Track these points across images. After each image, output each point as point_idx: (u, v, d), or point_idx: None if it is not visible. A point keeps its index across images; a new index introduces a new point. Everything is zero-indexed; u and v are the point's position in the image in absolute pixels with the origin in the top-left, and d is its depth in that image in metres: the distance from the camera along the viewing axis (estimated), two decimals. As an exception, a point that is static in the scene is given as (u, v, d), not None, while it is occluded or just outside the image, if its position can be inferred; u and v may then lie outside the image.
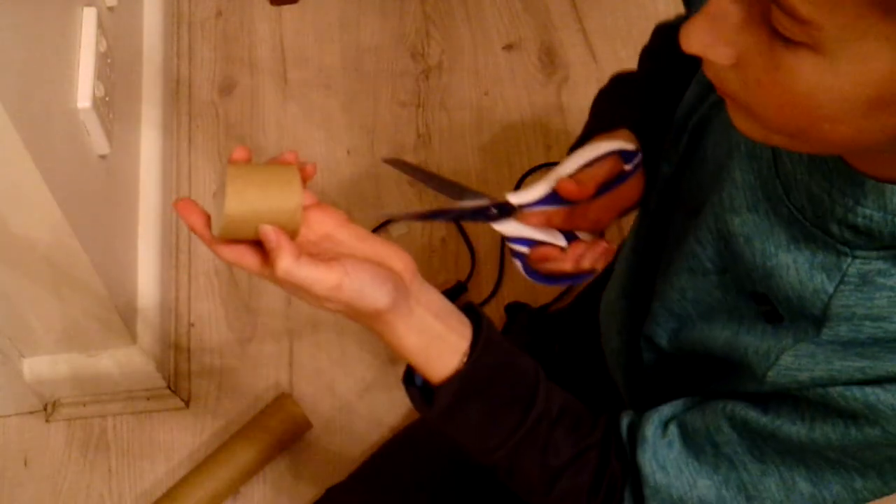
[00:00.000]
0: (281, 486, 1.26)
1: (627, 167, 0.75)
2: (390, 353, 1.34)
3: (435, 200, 1.44)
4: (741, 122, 0.52)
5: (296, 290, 0.57)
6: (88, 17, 1.09)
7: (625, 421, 0.71)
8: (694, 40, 0.48)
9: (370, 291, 0.58)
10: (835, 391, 0.58)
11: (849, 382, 0.57)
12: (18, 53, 0.87)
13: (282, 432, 1.25)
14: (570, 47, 1.64)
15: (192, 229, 0.59)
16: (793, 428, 0.61)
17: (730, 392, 0.67)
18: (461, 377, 0.64)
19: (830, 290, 0.57)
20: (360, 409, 1.31)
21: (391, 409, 1.30)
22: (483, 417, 0.67)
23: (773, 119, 0.50)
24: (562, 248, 0.75)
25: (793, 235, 0.59)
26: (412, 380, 0.68)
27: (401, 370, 0.70)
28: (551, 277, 0.76)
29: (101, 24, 1.11)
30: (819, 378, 0.58)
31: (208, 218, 0.58)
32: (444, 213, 0.67)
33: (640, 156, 0.75)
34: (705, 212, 0.67)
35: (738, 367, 0.65)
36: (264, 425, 1.25)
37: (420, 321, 0.63)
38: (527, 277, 0.76)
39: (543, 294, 1.38)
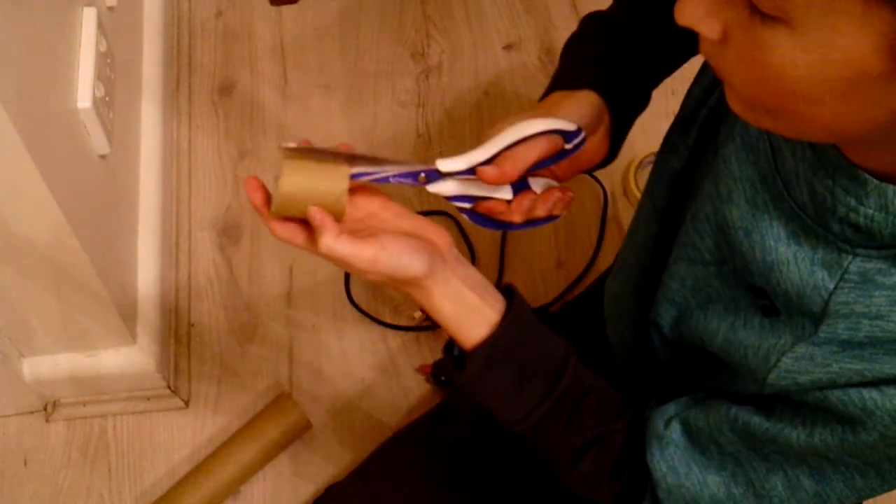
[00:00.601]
0: (281, 486, 1.26)
1: (567, 146, 0.72)
2: (390, 353, 1.34)
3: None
4: (733, 103, 0.53)
5: (340, 263, 0.63)
6: (88, 17, 1.09)
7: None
8: (686, 13, 0.49)
9: (406, 261, 0.64)
10: (833, 395, 0.58)
11: (847, 385, 0.57)
12: (18, 53, 0.87)
13: (282, 432, 1.25)
14: (570, 47, 1.64)
15: (252, 204, 0.66)
16: (793, 433, 0.61)
17: (733, 393, 0.67)
18: (489, 344, 0.68)
19: (831, 286, 0.57)
20: (360, 409, 1.31)
21: (391, 408, 1.30)
22: (510, 386, 0.70)
23: (755, 97, 0.50)
24: (507, 202, 0.74)
25: (793, 230, 0.59)
26: (451, 349, 0.72)
27: (401, 370, 0.70)
28: (503, 223, 0.75)
29: (101, 24, 1.11)
30: (819, 381, 0.58)
31: (268, 197, 0.66)
32: (372, 174, 0.68)
33: (581, 135, 0.73)
34: (702, 201, 0.67)
35: (739, 368, 0.65)
36: (264, 425, 1.25)
37: (455, 290, 0.67)
38: (477, 226, 0.76)
39: (544, 294, 1.38)
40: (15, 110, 0.83)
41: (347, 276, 1.39)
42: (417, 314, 1.36)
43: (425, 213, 1.44)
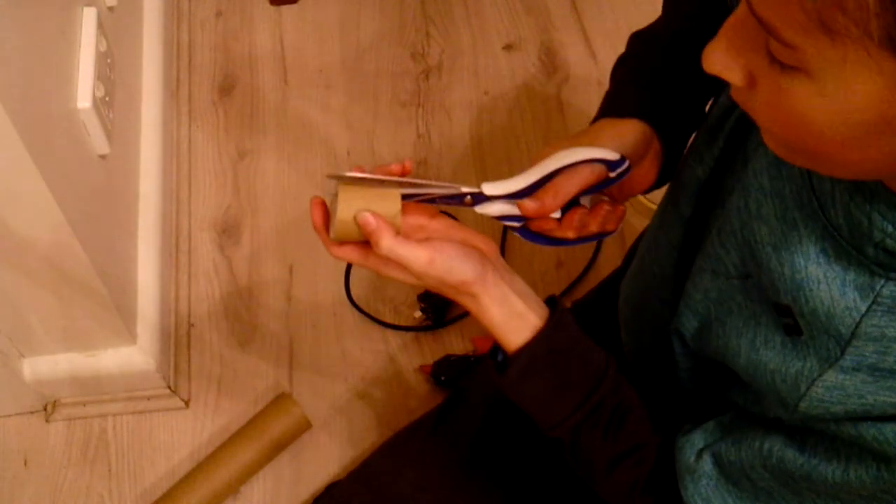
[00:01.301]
0: (281, 486, 1.26)
1: (611, 174, 0.74)
2: (390, 353, 1.34)
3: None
4: (769, 143, 0.55)
5: (396, 269, 0.68)
6: (88, 17, 1.09)
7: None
8: (712, 61, 0.51)
9: (458, 265, 0.67)
10: (868, 432, 0.57)
11: (882, 418, 0.57)
12: (18, 53, 0.87)
13: (282, 432, 1.25)
14: (570, 47, 1.64)
15: (313, 222, 0.69)
16: (828, 469, 0.61)
17: (760, 415, 0.67)
18: (532, 348, 0.71)
19: (863, 309, 0.56)
20: (360, 409, 1.31)
21: (391, 408, 1.30)
22: (549, 391, 0.73)
23: (786, 139, 0.52)
24: (557, 220, 0.75)
25: (823, 249, 0.58)
26: (496, 354, 0.75)
27: (401, 370, 0.71)
28: (557, 240, 0.78)
29: (101, 24, 1.11)
30: (853, 412, 0.58)
31: (327, 217, 0.69)
32: (417, 195, 0.71)
33: (625, 164, 0.74)
34: (729, 215, 0.66)
35: (767, 393, 0.65)
36: (264, 425, 1.25)
37: (503, 296, 0.70)
38: (534, 244, 0.78)
39: (543, 294, 1.38)
40: (15, 110, 0.83)
41: (347, 277, 1.39)
42: (417, 314, 1.36)
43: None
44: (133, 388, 1.27)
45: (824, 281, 0.58)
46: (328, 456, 1.27)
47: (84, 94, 1.04)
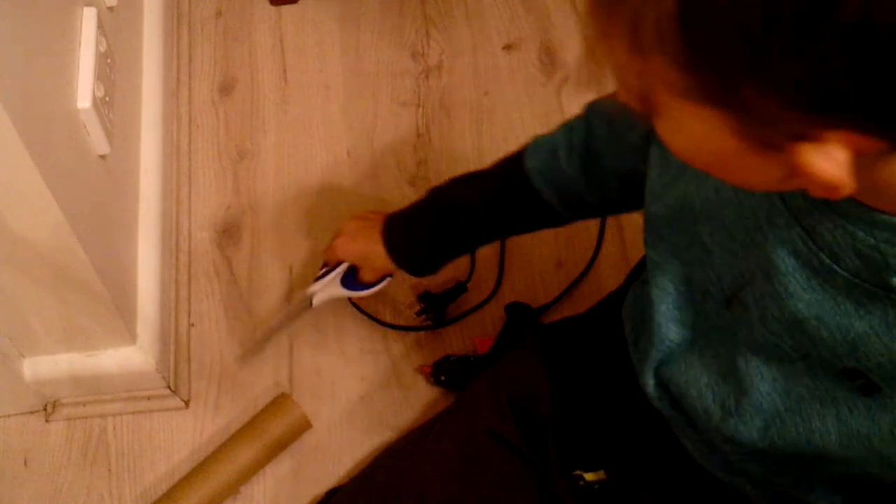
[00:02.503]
0: (281, 486, 1.26)
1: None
2: (390, 353, 1.34)
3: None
4: None
5: None
6: (88, 17, 1.09)
7: None
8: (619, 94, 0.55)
9: None
10: None
11: None
12: (18, 53, 0.87)
13: (282, 432, 1.25)
14: (570, 47, 1.64)
15: None
16: None
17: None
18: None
19: None
20: (360, 409, 1.31)
21: (391, 408, 1.30)
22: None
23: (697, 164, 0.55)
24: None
25: (857, 301, 0.58)
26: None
27: (401, 370, 0.70)
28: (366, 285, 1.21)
29: (101, 24, 1.11)
30: None
31: None
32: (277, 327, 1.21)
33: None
34: (764, 304, 0.66)
35: (870, 463, 0.64)
36: (264, 425, 1.25)
37: None
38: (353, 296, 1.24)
39: (543, 294, 1.38)
40: (15, 110, 0.83)
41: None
42: (417, 314, 1.36)
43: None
44: (133, 388, 1.27)
45: (871, 331, 0.58)
46: (328, 456, 1.27)
47: (84, 94, 1.03)
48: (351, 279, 1.24)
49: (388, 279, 1.24)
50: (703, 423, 0.77)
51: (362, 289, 1.26)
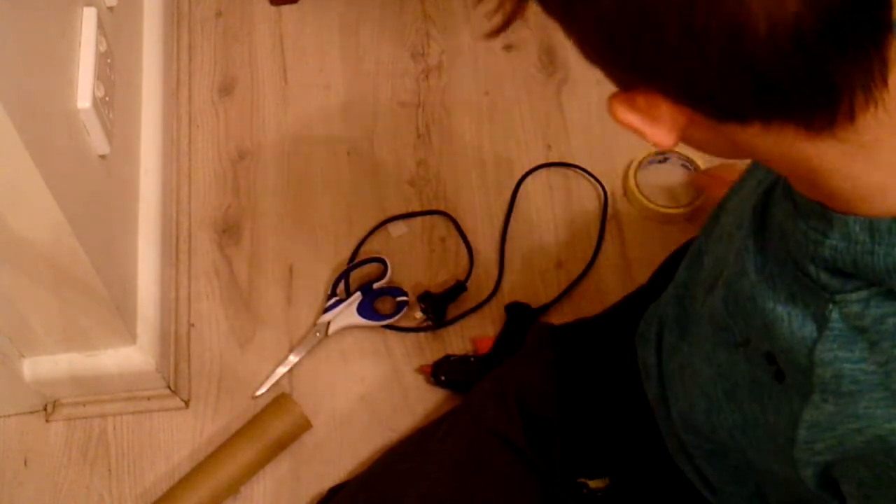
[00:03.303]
0: (281, 486, 1.26)
1: None
2: (391, 354, 1.34)
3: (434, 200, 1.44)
4: None
5: None
6: (88, 17, 1.09)
7: None
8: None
9: None
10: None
11: (856, 452, 0.59)
12: (18, 53, 0.87)
13: (282, 432, 1.25)
14: (570, 47, 1.62)
15: None
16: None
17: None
18: None
19: (816, 336, 0.59)
20: (360, 408, 1.31)
21: (391, 408, 1.30)
22: None
23: None
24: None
25: (792, 292, 0.61)
26: None
27: (401, 370, 0.70)
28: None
29: (101, 24, 1.11)
30: (832, 447, 0.60)
31: None
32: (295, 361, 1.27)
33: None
34: (731, 283, 0.69)
35: (776, 456, 0.66)
36: (264, 425, 1.25)
37: None
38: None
39: (543, 293, 1.38)
40: (15, 110, 0.83)
41: (347, 277, 1.39)
42: (417, 315, 1.36)
43: (425, 213, 1.44)
44: (133, 388, 1.27)
45: (787, 318, 0.61)
46: (328, 456, 1.27)
47: (84, 94, 1.03)
48: (367, 308, 1.31)
49: (406, 309, 1.28)
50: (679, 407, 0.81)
51: (380, 318, 1.32)
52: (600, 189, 1.46)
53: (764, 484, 0.77)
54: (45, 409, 1.30)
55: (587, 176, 1.47)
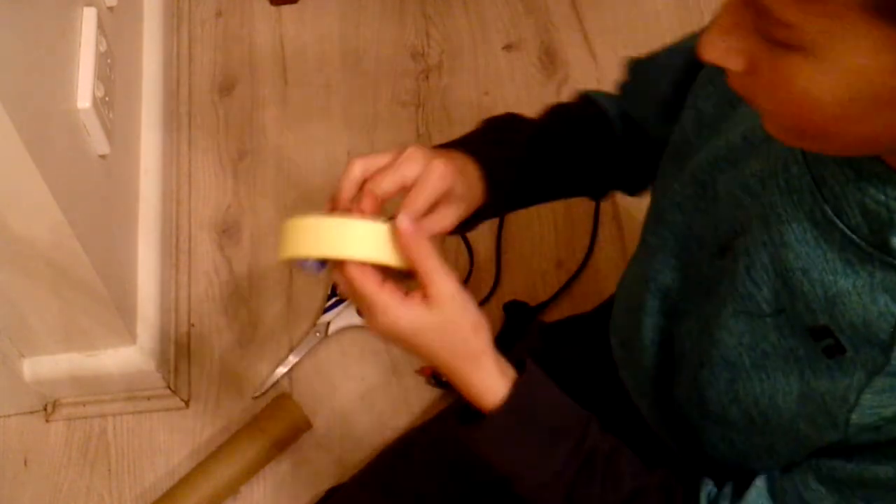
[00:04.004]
0: (281, 486, 1.26)
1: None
2: (391, 354, 1.34)
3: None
4: (772, 129, 0.54)
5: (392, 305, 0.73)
6: (88, 17, 1.09)
7: (706, 491, 0.72)
8: (709, 50, 0.51)
9: (473, 306, 0.69)
10: None
11: None
12: (18, 53, 0.87)
13: (282, 432, 1.25)
14: (570, 47, 1.64)
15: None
16: (879, 469, 0.61)
17: (810, 457, 0.67)
18: (511, 404, 0.68)
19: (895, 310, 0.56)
20: (360, 409, 1.31)
21: (391, 409, 1.30)
22: (535, 446, 0.70)
23: (790, 122, 0.51)
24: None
25: (847, 260, 0.58)
26: (465, 415, 0.72)
27: (401, 371, 0.70)
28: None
29: (101, 24, 1.11)
30: None
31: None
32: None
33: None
34: (756, 251, 0.65)
35: (815, 422, 0.64)
36: (264, 425, 1.25)
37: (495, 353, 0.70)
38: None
39: (543, 293, 1.38)
40: (15, 110, 0.83)
41: (347, 276, 1.39)
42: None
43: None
44: (133, 388, 1.27)
45: (853, 291, 0.58)
46: (328, 456, 1.27)
47: (84, 94, 1.04)
48: None
49: None
50: (685, 376, 0.77)
51: None
52: (600, 189, 1.46)
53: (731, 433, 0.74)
54: (45, 409, 1.30)
55: (587, 176, 1.47)
